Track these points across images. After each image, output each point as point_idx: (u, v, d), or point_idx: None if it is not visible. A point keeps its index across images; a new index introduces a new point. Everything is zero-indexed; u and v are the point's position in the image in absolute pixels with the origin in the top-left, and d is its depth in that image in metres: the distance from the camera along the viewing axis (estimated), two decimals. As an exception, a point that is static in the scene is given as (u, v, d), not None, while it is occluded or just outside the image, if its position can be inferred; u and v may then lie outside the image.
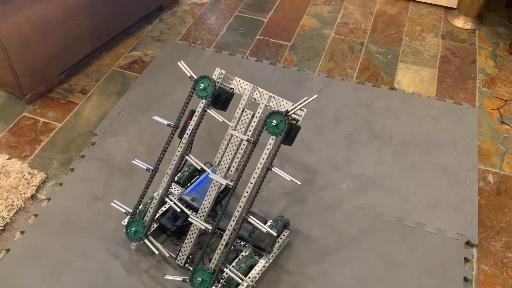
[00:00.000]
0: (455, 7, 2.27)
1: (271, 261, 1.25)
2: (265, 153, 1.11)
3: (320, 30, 2.16)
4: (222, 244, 1.16)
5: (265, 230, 1.10)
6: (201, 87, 1.19)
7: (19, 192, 1.44)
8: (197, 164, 1.18)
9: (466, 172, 1.52)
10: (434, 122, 1.70)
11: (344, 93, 1.81)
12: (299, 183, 1.08)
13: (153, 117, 1.26)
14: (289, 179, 1.08)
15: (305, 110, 1.10)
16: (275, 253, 1.27)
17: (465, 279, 1.26)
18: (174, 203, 1.21)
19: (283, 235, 1.29)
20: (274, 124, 1.09)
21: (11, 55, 1.58)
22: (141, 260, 1.28)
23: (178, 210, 1.20)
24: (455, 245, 1.33)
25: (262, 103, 1.15)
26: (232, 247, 1.17)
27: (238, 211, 1.13)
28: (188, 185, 1.38)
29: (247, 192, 1.13)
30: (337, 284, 1.24)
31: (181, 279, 1.18)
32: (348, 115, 1.72)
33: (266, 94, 1.15)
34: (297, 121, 1.11)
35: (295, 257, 1.29)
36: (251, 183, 1.12)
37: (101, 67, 1.94)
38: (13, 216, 1.39)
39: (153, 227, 1.29)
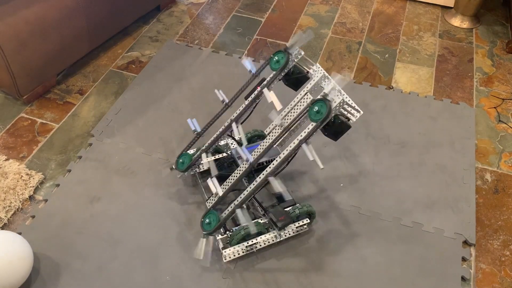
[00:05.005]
0: (452, 6, 2.27)
1: (278, 240, 1.30)
2: (301, 135, 1.13)
3: (318, 29, 2.16)
4: (234, 203, 1.23)
5: (279, 190, 1.12)
6: (275, 59, 1.25)
7: (16, 193, 1.43)
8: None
9: (464, 171, 1.53)
10: (431, 122, 1.70)
11: (341, 93, 1.81)
12: (322, 166, 1.11)
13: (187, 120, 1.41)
14: (312, 159, 1.11)
15: (361, 112, 1.12)
16: (286, 234, 1.30)
17: (463, 278, 1.26)
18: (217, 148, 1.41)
19: (302, 222, 1.31)
20: (315, 110, 1.10)
21: (8, 56, 1.57)
22: (141, 259, 1.29)
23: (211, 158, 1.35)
24: (453, 245, 1.33)
25: (324, 92, 1.15)
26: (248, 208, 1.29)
27: (260, 177, 1.20)
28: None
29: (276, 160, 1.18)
30: (335, 283, 1.25)
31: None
32: (346, 115, 1.72)
33: (333, 84, 1.14)
34: (348, 119, 1.12)
35: (294, 257, 1.30)
36: (279, 158, 1.17)
37: (98, 68, 1.93)
38: (11, 217, 1.39)
39: (200, 169, 1.44)
